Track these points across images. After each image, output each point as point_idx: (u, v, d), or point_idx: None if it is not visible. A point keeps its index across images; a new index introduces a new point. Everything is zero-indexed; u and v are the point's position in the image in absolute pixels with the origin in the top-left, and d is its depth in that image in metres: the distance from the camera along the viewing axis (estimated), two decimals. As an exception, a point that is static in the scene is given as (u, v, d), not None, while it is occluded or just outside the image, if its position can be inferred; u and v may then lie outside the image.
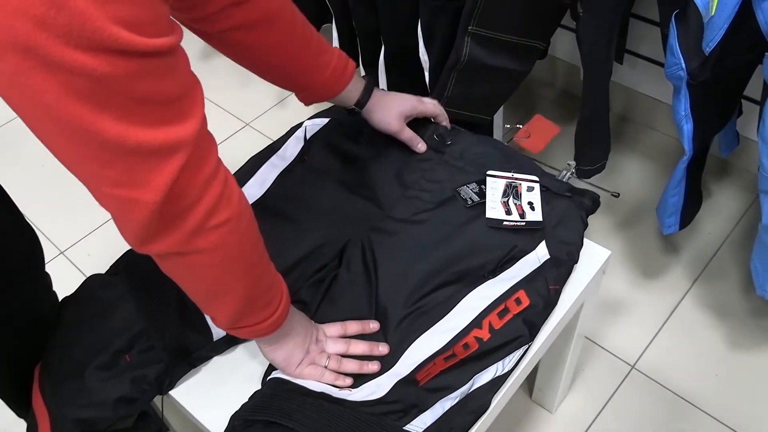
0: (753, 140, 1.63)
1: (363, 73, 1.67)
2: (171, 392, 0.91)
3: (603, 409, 1.35)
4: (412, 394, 0.83)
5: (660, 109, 1.80)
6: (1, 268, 0.84)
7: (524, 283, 0.91)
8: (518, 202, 0.98)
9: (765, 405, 1.33)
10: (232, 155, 1.06)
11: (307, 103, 0.99)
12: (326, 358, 0.84)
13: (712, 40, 1.00)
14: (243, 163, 1.08)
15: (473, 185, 1.01)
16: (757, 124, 1.11)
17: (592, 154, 1.32)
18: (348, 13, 1.58)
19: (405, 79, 1.57)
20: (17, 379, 0.92)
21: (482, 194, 1.00)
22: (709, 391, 1.36)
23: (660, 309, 1.49)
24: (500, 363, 0.86)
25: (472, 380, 0.85)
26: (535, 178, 1.01)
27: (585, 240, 1.04)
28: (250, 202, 0.99)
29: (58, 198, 1.83)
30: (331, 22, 1.67)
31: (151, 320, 0.89)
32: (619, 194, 1.05)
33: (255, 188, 1.03)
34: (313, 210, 1.01)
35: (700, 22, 1.02)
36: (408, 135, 1.04)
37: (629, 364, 1.41)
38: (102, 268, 1.00)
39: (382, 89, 1.04)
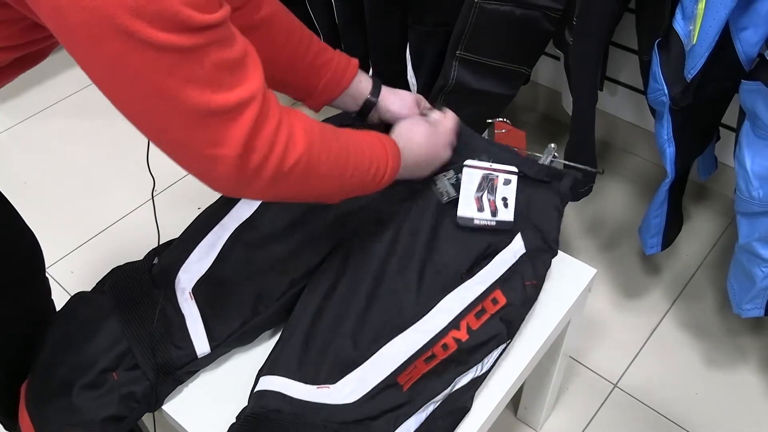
0: (729, 166, 1.68)
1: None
2: (164, 407, 0.90)
3: (587, 427, 1.37)
4: (395, 400, 0.85)
5: (639, 134, 1.85)
6: (3, 269, 0.85)
7: (500, 283, 0.93)
8: (492, 198, 0.98)
9: (743, 421, 1.36)
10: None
11: (317, 108, 1.00)
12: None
13: (693, 67, 1.04)
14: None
15: (450, 174, 1.01)
16: (733, 150, 1.16)
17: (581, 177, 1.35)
18: (337, 35, 1.61)
19: (392, 101, 1.59)
20: (11, 388, 0.91)
21: (459, 186, 1.00)
22: (690, 409, 1.38)
23: (641, 328, 1.52)
24: (479, 364, 0.88)
25: (453, 383, 0.87)
26: (514, 168, 1.00)
27: (570, 258, 1.06)
28: (240, 221, 1.00)
29: (41, 215, 1.81)
30: (320, 45, 1.70)
31: (134, 339, 0.89)
32: (603, 170, 1.06)
33: (245, 207, 1.04)
34: (302, 224, 1.01)
35: (682, 50, 1.07)
36: (425, 104, 1.05)
37: (612, 383, 1.43)
38: (85, 285, 1.00)
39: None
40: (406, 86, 1.50)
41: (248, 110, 0.63)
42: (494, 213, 0.97)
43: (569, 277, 1.03)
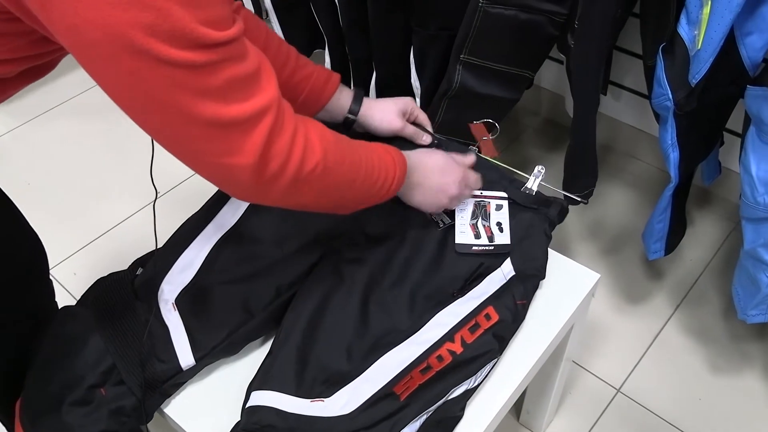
0: (733, 170, 1.68)
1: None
2: (166, 410, 0.90)
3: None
4: (392, 408, 0.84)
5: (642, 138, 1.85)
6: (6, 270, 0.85)
7: (492, 300, 0.94)
8: (487, 224, 1.00)
9: (747, 427, 1.36)
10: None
11: None
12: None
13: (698, 72, 1.04)
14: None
15: None
16: (738, 155, 1.15)
17: (581, 182, 1.35)
18: (341, 38, 1.61)
19: (396, 105, 1.59)
20: (12, 389, 0.91)
21: (452, 213, 1.02)
22: (693, 415, 1.38)
23: (644, 333, 1.52)
24: (473, 377, 0.88)
25: (448, 393, 0.87)
26: (504, 194, 1.02)
27: (573, 263, 1.06)
28: (225, 230, 1.00)
29: (44, 217, 1.81)
30: (324, 48, 1.70)
31: (118, 356, 0.88)
32: (587, 201, 1.07)
33: (229, 215, 1.02)
34: (288, 231, 1.00)
35: (687, 55, 1.06)
36: (411, 130, 1.06)
37: (615, 388, 1.43)
38: (87, 288, 1.00)
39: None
40: (409, 89, 1.49)
41: (263, 120, 0.65)
42: (491, 239, 0.99)
43: (572, 281, 1.03)
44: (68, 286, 1.66)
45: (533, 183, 1.04)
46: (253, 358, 0.95)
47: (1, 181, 0.93)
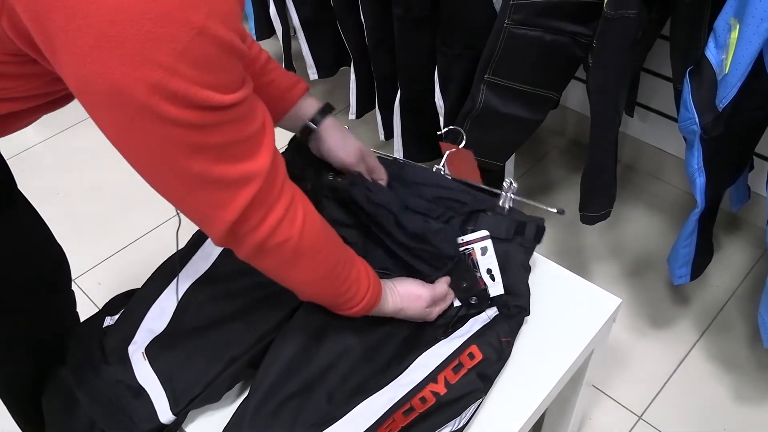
0: (763, 196, 1.65)
1: (379, 115, 1.70)
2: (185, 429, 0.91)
3: (609, 459, 1.34)
4: None
5: (667, 160, 1.83)
6: (30, 279, 0.87)
7: (475, 338, 0.92)
8: (478, 275, 0.97)
9: (773, 462, 1.33)
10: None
11: None
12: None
13: (725, 97, 1.02)
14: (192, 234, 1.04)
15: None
16: (766, 180, 1.13)
17: (597, 201, 1.34)
18: (367, 56, 1.62)
19: (420, 123, 1.60)
20: (32, 397, 0.92)
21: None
22: (717, 446, 1.35)
23: (667, 360, 1.49)
24: (457, 418, 0.86)
25: None
26: (486, 233, 0.98)
27: (594, 287, 1.04)
28: (198, 275, 0.97)
29: (71, 226, 1.85)
30: (349, 65, 1.72)
31: (103, 424, 0.87)
32: (564, 211, 1.03)
33: (201, 263, 1.00)
34: (264, 279, 0.95)
35: (714, 78, 1.05)
36: (372, 163, 1.01)
37: (636, 415, 1.40)
38: (111, 298, 1.00)
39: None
40: (433, 108, 1.50)
41: (253, 183, 0.66)
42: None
43: (593, 305, 1.01)
44: (93, 295, 1.68)
45: (505, 200, 1.00)
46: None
47: (32, 190, 0.95)
